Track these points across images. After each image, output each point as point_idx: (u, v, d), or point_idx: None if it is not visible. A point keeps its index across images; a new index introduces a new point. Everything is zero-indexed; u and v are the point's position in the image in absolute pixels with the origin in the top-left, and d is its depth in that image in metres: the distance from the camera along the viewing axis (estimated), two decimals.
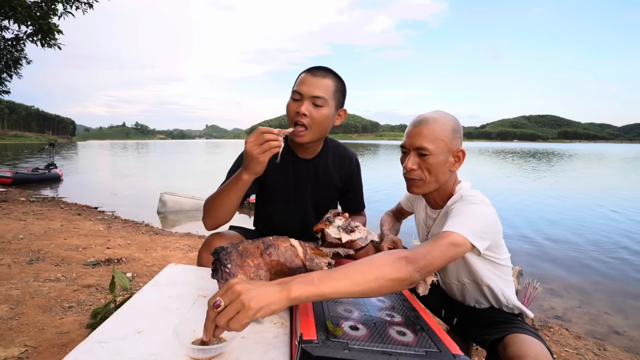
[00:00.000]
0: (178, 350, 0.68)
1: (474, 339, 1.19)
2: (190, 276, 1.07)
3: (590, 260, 4.15)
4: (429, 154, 1.05)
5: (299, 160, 1.38)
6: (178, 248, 3.58)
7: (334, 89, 1.25)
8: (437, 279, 1.05)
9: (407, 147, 1.10)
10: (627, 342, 2.36)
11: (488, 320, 1.15)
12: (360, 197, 1.53)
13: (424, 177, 1.08)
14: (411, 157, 1.08)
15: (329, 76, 1.24)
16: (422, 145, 1.05)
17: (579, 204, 7.79)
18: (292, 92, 1.25)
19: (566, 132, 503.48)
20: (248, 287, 0.65)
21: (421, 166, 1.08)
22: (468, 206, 1.01)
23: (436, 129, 1.06)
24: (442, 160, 1.07)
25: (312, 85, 1.20)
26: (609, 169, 20.02)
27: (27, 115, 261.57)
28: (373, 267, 0.75)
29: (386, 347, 0.65)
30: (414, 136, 1.07)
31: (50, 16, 6.74)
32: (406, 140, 1.10)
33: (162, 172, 16.07)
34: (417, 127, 1.08)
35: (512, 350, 0.90)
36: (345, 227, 1.07)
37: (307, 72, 1.25)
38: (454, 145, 1.08)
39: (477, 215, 0.98)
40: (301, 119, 1.21)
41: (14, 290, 2.14)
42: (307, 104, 1.20)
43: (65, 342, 1.59)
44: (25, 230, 3.85)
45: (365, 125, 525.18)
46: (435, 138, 1.05)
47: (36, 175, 9.97)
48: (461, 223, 0.93)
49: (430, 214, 1.24)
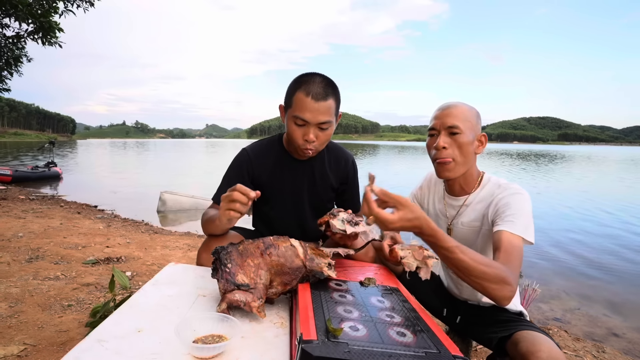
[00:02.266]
0: (178, 349, 0.69)
1: (478, 338, 1.20)
2: (190, 275, 1.07)
3: (589, 262, 4.15)
4: (460, 132, 1.10)
5: (295, 162, 1.39)
6: (177, 247, 3.58)
7: (335, 105, 1.22)
8: (438, 259, 1.07)
9: (438, 127, 1.14)
10: (626, 344, 2.37)
11: (492, 319, 1.16)
12: (357, 198, 1.53)
13: (455, 156, 1.12)
14: (442, 137, 1.12)
15: (330, 96, 1.18)
16: (453, 123, 1.10)
17: (579, 206, 7.80)
18: (294, 117, 1.18)
19: (566, 134, 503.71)
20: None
21: (452, 145, 1.12)
22: (516, 198, 1.07)
23: (464, 110, 1.13)
24: (471, 140, 1.12)
25: (317, 112, 1.16)
26: (609, 171, 20.03)
27: (27, 113, 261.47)
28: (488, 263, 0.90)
29: (386, 347, 0.65)
30: (445, 116, 1.12)
31: (51, 14, 6.74)
32: (436, 122, 1.15)
33: (161, 170, 16.07)
34: (447, 109, 1.13)
35: (524, 346, 0.91)
36: (349, 220, 1.08)
37: (305, 92, 1.16)
38: (478, 129, 1.14)
39: (528, 209, 1.05)
40: (309, 145, 1.21)
41: (13, 288, 2.14)
42: (313, 130, 1.19)
43: (64, 340, 1.59)
44: (24, 228, 3.84)
45: (366, 125, 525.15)
46: (465, 118, 1.11)
47: (36, 174, 9.96)
48: (518, 224, 1.01)
49: (452, 202, 1.25)
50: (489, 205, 1.12)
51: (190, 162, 23.54)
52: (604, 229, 5.85)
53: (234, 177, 1.35)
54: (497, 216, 1.07)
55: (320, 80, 1.18)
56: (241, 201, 0.98)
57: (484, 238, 1.18)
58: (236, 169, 1.37)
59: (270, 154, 1.40)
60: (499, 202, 1.09)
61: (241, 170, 1.37)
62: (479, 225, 1.18)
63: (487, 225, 1.14)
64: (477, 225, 1.19)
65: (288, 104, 1.23)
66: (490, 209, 1.11)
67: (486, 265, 0.90)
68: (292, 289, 0.93)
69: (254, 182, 1.38)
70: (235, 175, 1.36)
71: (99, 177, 12.75)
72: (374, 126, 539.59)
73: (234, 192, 0.98)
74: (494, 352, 1.07)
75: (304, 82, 1.18)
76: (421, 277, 1.05)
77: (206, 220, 1.19)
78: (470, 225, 1.20)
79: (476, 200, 1.18)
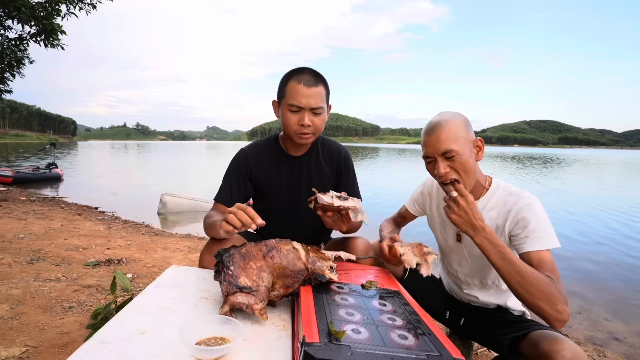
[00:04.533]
0: (181, 351, 0.69)
1: (485, 339, 1.20)
2: (192, 278, 1.07)
3: (590, 266, 4.15)
4: (456, 154, 1.07)
5: (291, 159, 1.43)
6: (178, 249, 3.58)
7: (325, 92, 1.31)
8: (438, 255, 1.08)
9: (432, 155, 1.10)
10: (627, 348, 2.36)
11: (499, 320, 1.16)
12: (353, 190, 1.51)
13: (459, 175, 1.09)
14: (440, 163, 1.08)
15: (320, 83, 1.28)
16: (447, 148, 1.07)
17: (580, 209, 7.79)
18: (289, 105, 1.27)
19: (566, 137, 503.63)
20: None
21: (453, 167, 1.09)
22: (533, 208, 1.07)
23: (452, 129, 1.07)
24: (469, 154, 1.09)
25: (309, 97, 1.25)
26: (608, 174, 20.02)
27: (29, 115, 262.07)
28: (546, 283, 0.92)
29: (388, 350, 0.65)
30: (435, 142, 1.08)
31: (53, 17, 6.78)
32: (427, 150, 1.11)
33: (162, 172, 16.08)
34: (434, 135, 1.08)
35: (545, 345, 0.90)
36: (338, 196, 1.09)
37: (297, 80, 1.26)
38: (471, 137, 1.11)
39: (545, 217, 1.06)
40: (305, 130, 1.27)
41: (15, 289, 2.14)
42: (308, 115, 1.26)
43: (65, 342, 1.59)
44: (25, 230, 3.85)
45: (366, 128, 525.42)
46: (455, 137, 1.07)
47: (37, 175, 9.97)
48: (543, 238, 1.02)
49: None
50: (506, 217, 1.10)
51: (191, 164, 23.56)
52: (605, 232, 5.84)
53: (234, 178, 1.41)
54: (518, 234, 1.05)
55: (309, 71, 1.29)
56: (246, 223, 1.00)
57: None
58: (235, 170, 1.42)
59: (267, 153, 1.45)
60: (516, 215, 1.07)
61: (240, 170, 1.42)
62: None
63: (502, 237, 1.11)
64: None
65: (281, 95, 1.31)
66: (508, 222, 1.09)
67: (538, 275, 0.93)
68: (294, 291, 0.93)
69: (252, 181, 1.43)
70: (235, 177, 1.41)
71: (99, 179, 12.76)
72: (374, 129, 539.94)
73: (242, 214, 1.00)
74: (505, 353, 1.06)
75: (295, 73, 1.28)
76: (422, 274, 1.05)
77: (208, 224, 1.23)
78: None
79: (488, 206, 1.15)
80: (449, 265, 1.33)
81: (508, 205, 1.11)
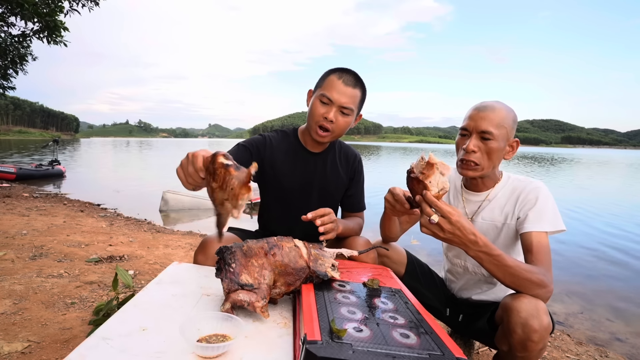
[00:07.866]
0: (183, 347, 0.69)
1: (480, 334, 1.21)
2: (194, 275, 1.07)
3: (592, 266, 4.13)
4: (492, 139, 1.07)
5: (308, 154, 1.42)
6: (180, 246, 3.58)
7: (360, 99, 1.31)
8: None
9: (470, 129, 1.10)
10: (629, 349, 2.35)
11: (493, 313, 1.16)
12: (361, 196, 1.55)
13: (482, 161, 1.10)
14: (473, 139, 1.09)
15: (358, 86, 1.28)
16: (487, 129, 1.07)
17: (583, 208, 7.76)
18: (321, 95, 1.27)
19: (570, 137, 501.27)
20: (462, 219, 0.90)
21: (482, 149, 1.09)
22: (539, 192, 1.09)
23: (501, 115, 1.08)
24: (502, 146, 1.09)
25: (343, 94, 1.25)
26: (611, 174, 19.93)
27: (32, 112, 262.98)
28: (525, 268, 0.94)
29: (390, 349, 0.65)
30: (480, 119, 1.08)
31: (56, 13, 6.78)
32: (469, 122, 1.11)
33: (164, 170, 16.11)
34: (484, 112, 1.09)
35: (507, 299, 0.96)
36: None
37: (338, 76, 1.27)
38: (512, 135, 1.11)
39: (551, 201, 1.08)
40: (327, 124, 1.27)
41: (18, 285, 2.15)
42: (335, 111, 1.26)
43: (67, 338, 1.60)
44: (28, 226, 3.86)
45: (368, 126, 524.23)
46: (500, 124, 1.07)
47: (39, 172, 10.01)
48: (545, 220, 1.04)
49: (471, 198, 1.25)
50: (516, 202, 1.13)
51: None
52: (607, 231, 5.82)
53: (243, 148, 1.36)
54: (523, 213, 1.09)
55: (352, 73, 1.30)
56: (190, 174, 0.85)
57: (507, 237, 1.17)
58: (250, 143, 1.38)
59: (285, 143, 1.43)
60: (524, 196, 1.11)
61: (254, 147, 1.38)
62: (502, 222, 1.17)
63: (512, 222, 1.14)
64: (500, 222, 1.18)
65: (319, 85, 1.31)
66: (517, 205, 1.12)
67: (528, 271, 0.93)
68: (295, 289, 0.93)
69: (266, 168, 1.40)
70: (244, 147, 1.36)
71: (102, 176, 12.79)
72: (376, 127, 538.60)
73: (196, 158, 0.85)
74: (485, 328, 1.11)
75: (339, 69, 1.30)
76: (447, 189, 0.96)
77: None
78: (492, 220, 1.19)
79: (500, 195, 1.18)
80: (456, 257, 1.33)
81: (517, 190, 1.14)
